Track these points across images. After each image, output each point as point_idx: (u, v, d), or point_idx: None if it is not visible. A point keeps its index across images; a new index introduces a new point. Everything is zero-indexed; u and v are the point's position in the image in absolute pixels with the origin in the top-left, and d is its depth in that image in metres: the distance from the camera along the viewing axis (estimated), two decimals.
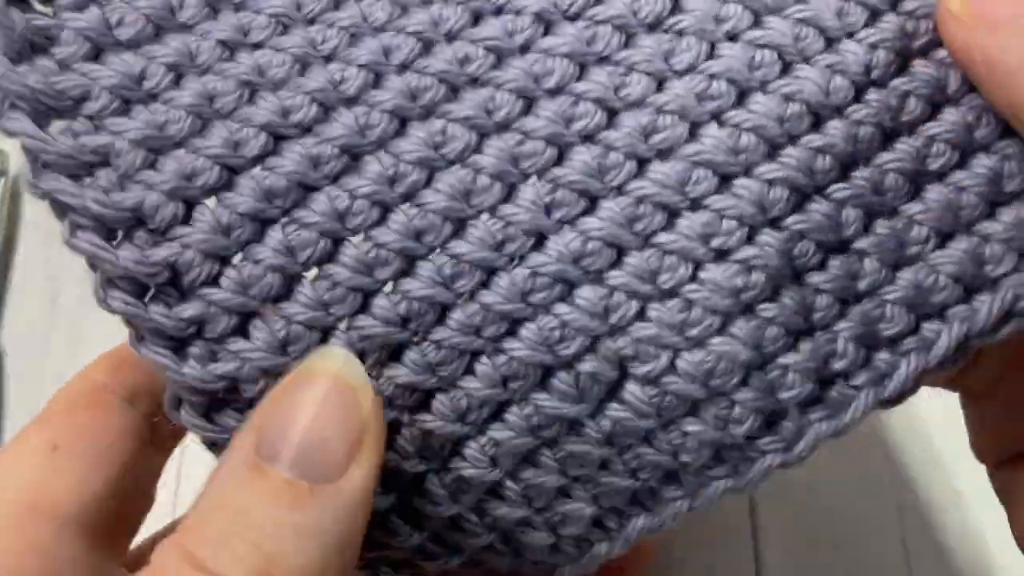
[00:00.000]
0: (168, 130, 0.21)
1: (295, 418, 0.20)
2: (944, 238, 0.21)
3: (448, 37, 0.22)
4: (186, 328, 0.20)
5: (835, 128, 0.21)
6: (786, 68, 0.21)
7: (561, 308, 0.21)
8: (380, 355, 0.21)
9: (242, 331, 0.21)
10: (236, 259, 0.21)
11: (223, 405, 0.21)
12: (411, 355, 0.21)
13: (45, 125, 0.20)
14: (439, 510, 0.22)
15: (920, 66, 0.21)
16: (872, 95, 0.21)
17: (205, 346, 0.21)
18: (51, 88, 0.20)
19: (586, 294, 0.21)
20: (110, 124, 0.21)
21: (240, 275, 0.21)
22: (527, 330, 0.21)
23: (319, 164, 0.21)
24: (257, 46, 0.21)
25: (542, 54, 0.21)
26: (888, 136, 0.21)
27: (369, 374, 0.21)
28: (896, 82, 0.21)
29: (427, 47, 0.21)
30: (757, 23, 0.21)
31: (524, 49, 0.22)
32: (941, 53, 0.21)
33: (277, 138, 0.21)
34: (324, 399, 0.20)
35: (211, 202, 0.21)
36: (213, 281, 0.21)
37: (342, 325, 0.21)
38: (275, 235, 0.21)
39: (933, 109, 0.21)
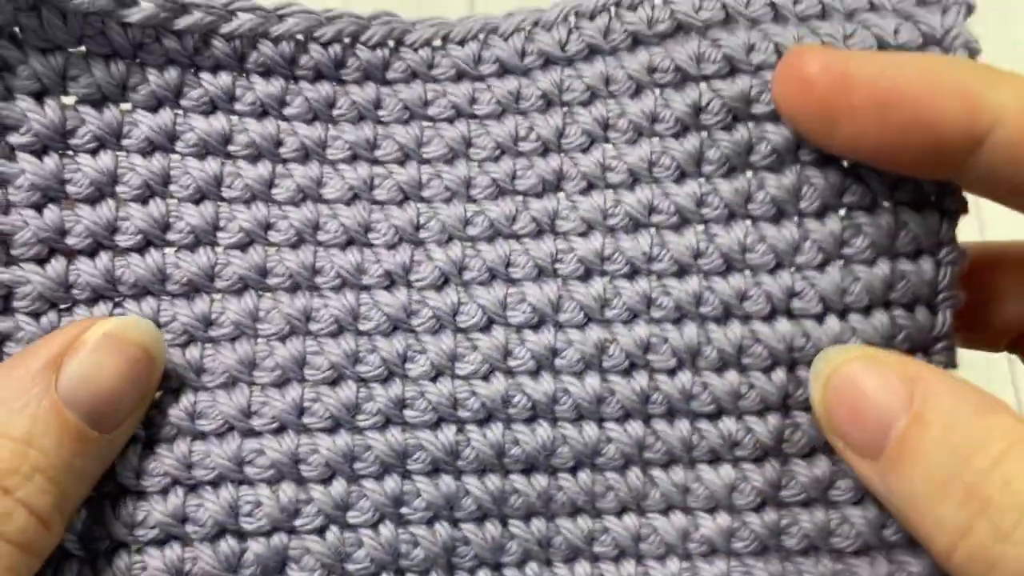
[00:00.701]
0: None
1: (101, 373, 0.23)
2: None
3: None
4: None
5: (537, 482, 0.26)
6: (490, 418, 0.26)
7: (263, 490, 0.25)
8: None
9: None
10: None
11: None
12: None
13: None
14: None
15: None
16: None
17: None
18: None
19: (287, 488, 0.25)
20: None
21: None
22: (226, 490, 0.25)
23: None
24: None
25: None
26: (579, 511, 0.26)
27: None
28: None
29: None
30: (531, 418, 0.26)
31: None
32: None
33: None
34: (133, 361, 0.24)
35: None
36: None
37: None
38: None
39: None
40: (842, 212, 0.26)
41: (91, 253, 0.25)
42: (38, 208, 0.25)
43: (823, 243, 0.25)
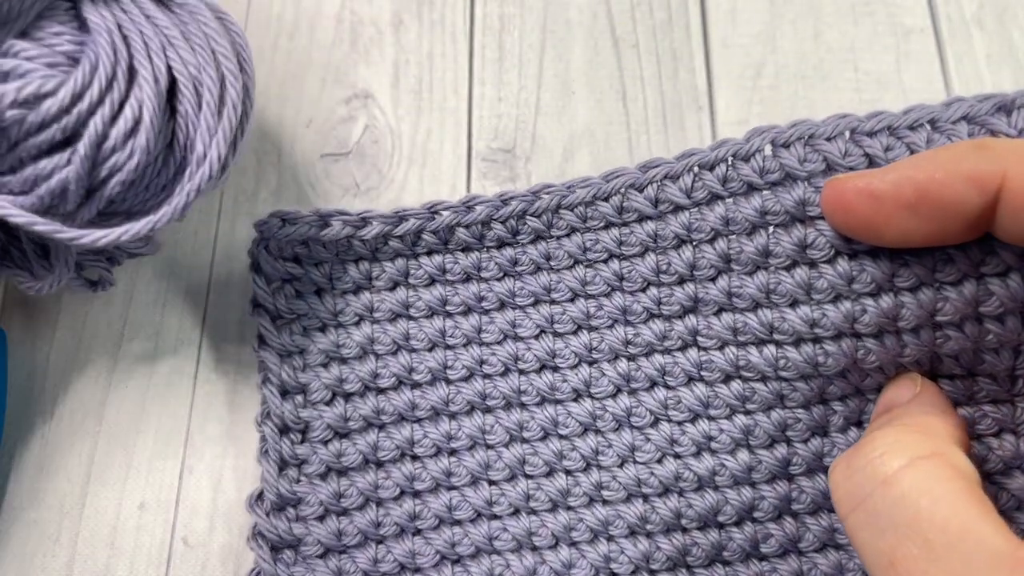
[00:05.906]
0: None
1: None
2: None
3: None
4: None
5: (711, 535, 0.34)
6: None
7: (511, 557, 0.34)
8: None
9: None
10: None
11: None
12: None
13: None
14: None
15: None
16: None
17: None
18: None
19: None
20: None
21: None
22: (485, 559, 0.34)
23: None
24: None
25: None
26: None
27: None
28: None
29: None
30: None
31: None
32: None
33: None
34: None
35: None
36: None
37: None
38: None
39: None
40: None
41: (361, 394, 0.35)
42: (324, 366, 0.35)
43: (920, 350, 0.31)
